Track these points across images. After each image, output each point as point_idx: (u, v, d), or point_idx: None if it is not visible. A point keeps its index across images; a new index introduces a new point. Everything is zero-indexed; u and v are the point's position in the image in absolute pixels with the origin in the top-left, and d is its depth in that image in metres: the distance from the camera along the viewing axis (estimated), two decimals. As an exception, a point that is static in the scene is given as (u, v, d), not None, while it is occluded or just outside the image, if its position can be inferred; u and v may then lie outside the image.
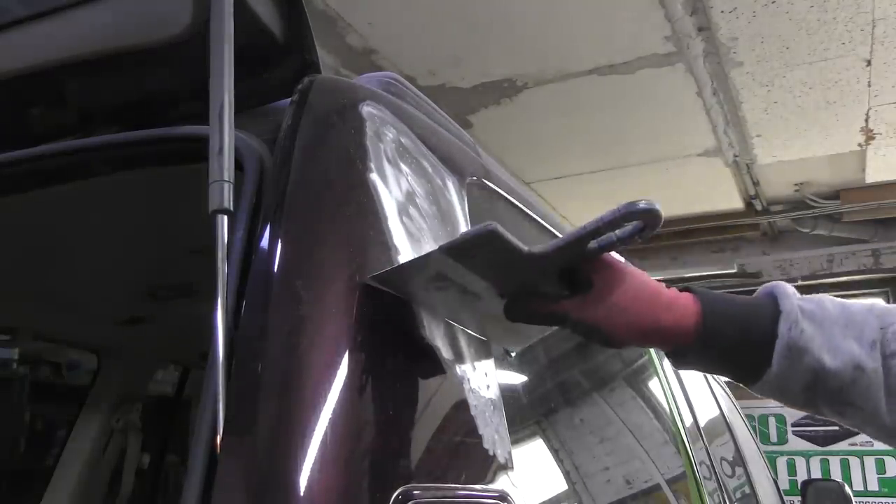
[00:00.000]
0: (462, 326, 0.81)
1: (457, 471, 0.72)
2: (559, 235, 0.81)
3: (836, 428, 5.44)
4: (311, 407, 0.60)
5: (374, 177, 0.77)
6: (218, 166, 0.68)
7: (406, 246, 0.76)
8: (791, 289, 0.82)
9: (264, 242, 0.68)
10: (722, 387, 2.91)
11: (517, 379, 1.06)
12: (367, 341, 0.67)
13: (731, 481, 2.12)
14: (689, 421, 1.75)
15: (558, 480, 1.03)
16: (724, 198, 5.27)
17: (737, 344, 0.79)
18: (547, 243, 0.74)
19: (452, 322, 0.80)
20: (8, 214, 1.14)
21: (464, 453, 0.74)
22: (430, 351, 0.74)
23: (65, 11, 0.93)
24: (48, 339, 2.33)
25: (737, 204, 5.39)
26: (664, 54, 3.43)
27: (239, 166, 0.73)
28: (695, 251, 5.99)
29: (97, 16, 0.91)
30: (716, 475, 1.82)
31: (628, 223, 0.72)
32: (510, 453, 0.79)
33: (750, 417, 4.87)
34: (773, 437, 5.67)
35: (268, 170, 0.74)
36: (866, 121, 4.11)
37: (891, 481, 5.30)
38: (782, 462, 5.57)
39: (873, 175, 4.85)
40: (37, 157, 0.94)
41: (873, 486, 5.32)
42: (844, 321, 0.79)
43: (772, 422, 5.69)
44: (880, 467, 5.35)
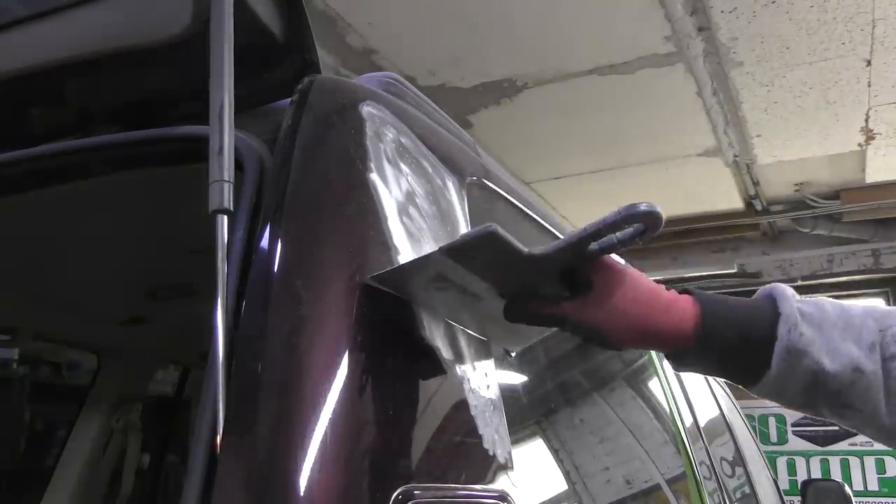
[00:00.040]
0: (462, 327, 0.81)
1: (457, 471, 0.72)
2: (559, 235, 0.82)
3: (836, 428, 5.44)
4: (311, 407, 0.60)
5: (374, 177, 0.77)
6: (218, 166, 0.69)
7: (406, 246, 0.76)
8: (790, 291, 0.82)
9: (264, 242, 0.68)
10: (722, 387, 2.90)
11: (517, 379, 1.06)
12: (367, 341, 0.67)
13: (731, 481, 2.12)
14: (689, 421, 1.75)
15: (558, 480, 1.03)
16: (724, 198, 5.27)
17: (736, 346, 0.79)
18: (547, 245, 0.74)
19: (452, 322, 0.80)
20: (8, 214, 1.14)
21: (464, 453, 0.74)
22: (430, 351, 0.74)
23: (65, 11, 0.93)
24: (48, 339, 2.33)
25: (737, 204, 5.39)
26: (664, 54, 3.43)
27: (239, 166, 0.73)
28: (695, 251, 5.99)
29: (97, 16, 0.91)
30: (716, 475, 1.82)
31: (629, 225, 0.73)
32: (510, 453, 0.79)
33: (750, 417, 4.87)
34: (773, 437, 5.67)
35: (268, 170, 0.75)
36: (866, 121, 4.11)
37: (891, 481, 5.30)
38: (782, 462, 5.57)
39: (873, 175, 4.85)
40: (37, 157, 0.94)
41: (873, 486, 5.32)
42: (843, 324, 0.79)
43: (772, 422, 5.69)
44: (880, 467, 5.35)
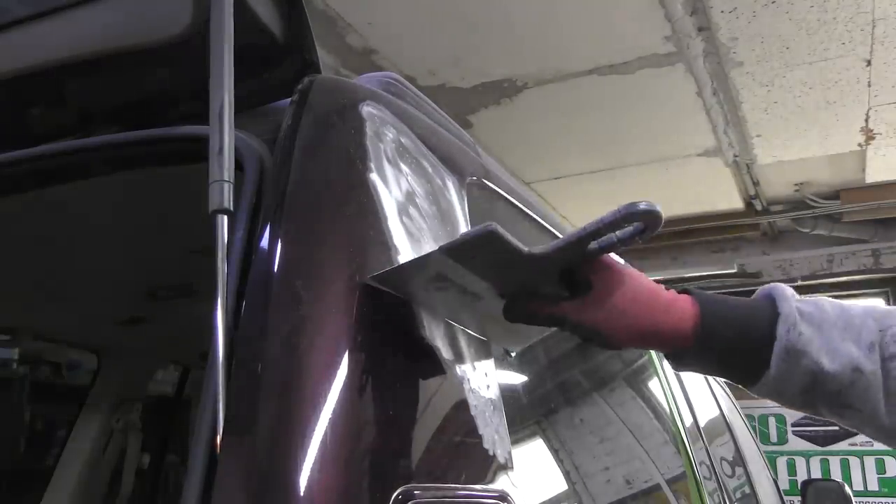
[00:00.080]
0: (462, 326, 0.81)
1: (457, 471, 0.72)
2: (559, 235, 0.82)
3: (836, 428, 5.44)
4: (311, 407, 0.60)
5: (374, 177, 0.77)
6: (218, 166, 0.69)
7: (406, 246, 0.76)
8: (790, 291, 0.82)
9: (264, 242, 0.68)
10: (722, 387, 2.90)
11: (517, 379, 1.06)
12: (367, 341, 0.67)
13: (731, 481, 2.12)
14: (689, 421, 1.75)
15: (558, 480, 1.03)
16: (724, 198, 5.27)
17: (735, 346, 0.79)
18: (547, 244, 0.74)
19: (452, 322, 0.80)
20: (8, 214, 1.14)
21: (464, 453, 0.74)
22: (430, 351, 0.74)
23: (65, 11, 0.93)
24: (48, 339, 2.33)
25: (737, 204, 5.39)
26: (664, 54, 3.43)
27: (239, 166, 0.73)
28: (695, 251, 5.99)
29: (97, 16, 0.91)
30: (716, 475, 1.82)
31: (629, 224, 0.72)
32: (510, 453, 0.79)
33: (750, 417, 4.87)
34: (773, 437, 5.67)
35: (268, 170, 0.75)
36: (866, 121, 4.11)
37: (891, 481, 5.30)
38: (782, 462, 5.57)
39: (873, 175, 4.85)
40: (37, 157, 0.94)
41: (873, 486, 5.32)
42: (843, 323, 0.79)
43: (772, 422, 5.69)
44: (880, 467, 5.35)
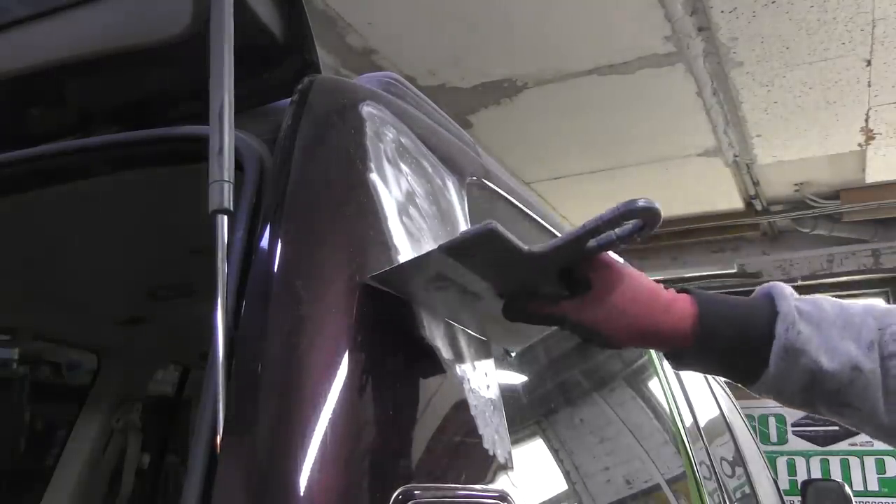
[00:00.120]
0: (462, 326, 0.81)
1: (457, 471, 0.72)
2: (559, 235, 0.82)
3: (836, 428, 5.44)
4: (311, 407, 0.60)
5: (374, 177, 0.77)
6: (218, 166, 0.69)
7: (406, 246, 0.76)
8: (788, 289, 0.82)
9: (264, 242, 0.68)
10: (722, 387, 2.90)
11: (517, 379, 1.06)
12: (367, 341, 0.67)
13: (731, 481, 2.12)
14: (689, 421, 1.75)
15: (558, 480, 1.03)
16: (724, 198, 5.27)
17: (734, 346, 0.79)
18: (546, 242, 0.74)
19: (452, 322, 0.80)
20: (8, 214, 1.14)
21: (464, 453, 0.74)
22: (430, 351, 0.74)
23: (65, 11, 0.93)
24: (48, 339, 2.33)
25: (737, 204, 5.39)
26: (664, 54, 3.43)
27: (239, 166, 0.73)
28: (695, 251, 5.99)
29: (97, 16, 0.91)
30: (716, 475, 1.82)
31: (628, 222, 0.72)
32: (510, 453, 0.79)
33: (750, 417, 4.87)
34: (773, 437, 5.67)
35: (268, 170, 0.75)
36: (866, 121, 4.11)
37: (891, 481, 5.30)
38: (782, 462, 5.57)
39: (873, 175, 4.85)
40: (37, 157, 0.94)
41: (873, 486, 5.32)
42: (842, 322, 0.79)
43: (772, 422, 5.69)
44: (880, 467, 5.35)
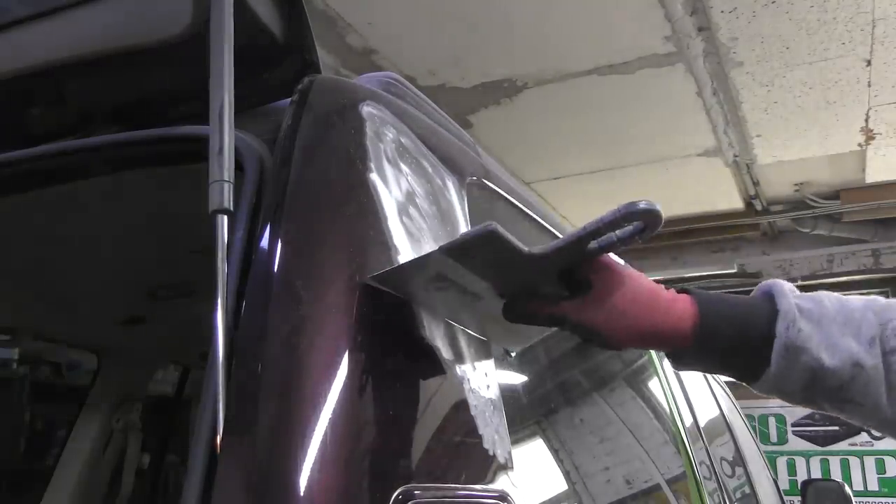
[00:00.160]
0: (462, 326, 0.81)
1: (457, 471, 0.72)
2: (559, 235, 0.82)
3: (836, 428, 5.45)
4: (311, 407, 0.60)
5: (374, 177, 0.77)
6: (218, 166, 0.68)
7: (406, 246, 0.76)
8: (788, 286, 0.82)
9: (264, 242, 0.68)
10: (722, 387, 2.90)
11: (517, 379, 1.06)
12: (367, 341, 0.67)
13: (731, 481, 2.12)
14: (689, 421, 1.75)
15: (558, 480, 1.03)
16: (724, 198, 5.27)
17: (735, 345, 0.79)
18: (547, 244, 0.74)
19: (452, 322, 0.80)
20: (8, 214, 1.14)
21: (464, 453, 0.74)
22: (430, 351, 0.74)
23: (65, 11, 0.93)
24: (48, 339, 2.33)
25: (737, 204, 5.39)
26: (664, 54, 3.43)
27: (239, 166, 0.73)
28: (695, 251, 5.99)
29: (97, 16, 0.91)
30: (716, 475, 1.82)
31: (628, 224, 0.72)
32: (510, 453, 0.79)
33: (750, 417, 4.87)
34: (773, 437, 5.68)
35: (268, 170, 0.75)
36: (866, 121, 4.11)
37: (891, 481, 5.30)
38: (782, 462, 5.57)
39: (873, 175, 4.85)
40: (37, 157, 0.94)
41: (873, 486, 5.32)
42: (843, 319, 0.79)
43: (772, 422, 5.69)
44: (880, 467, 5.35)
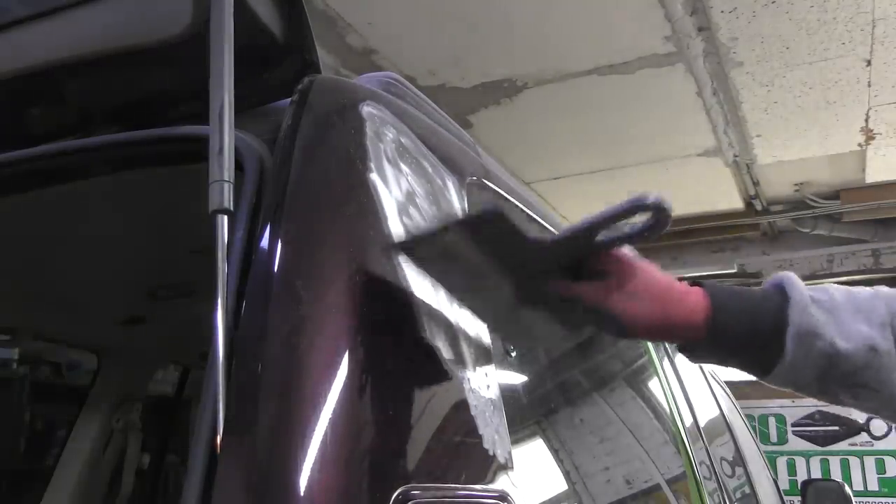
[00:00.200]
0: (471, 314, 0.82)
1: (457, 471, 0.72)
2: (559, 235, 0.82)
3: (836, 428, 5.45)
4: (311, 407, 0.60)
5: (374, 177, 0.77)
6: (218, 166, 0.69)
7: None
8: (798, 278, 0.82)
9: (264, 242, 0.68)
10: (722, 387, 2.90)
11: (517, 379, 1.06)
12: (367, 341, 0.67)
13: (731, 481, 2.12)
14: (689, 421, 1.75)
15: (558, 480, 1.03)
16: (724, 198, 5.26)
17: (748, 336, 0.79)
18: (560, 231, 0.75)
19: (462, 309, 0.80)
20: (8, 214, 1.14)
21: (464, 453, 0.74)
22: (430, 351, 0.74)
23: (65, 11, 0.93)
24: (48, 339, 2.33)
25: (737, 204, 5.38)
26: (664, 54, 3.43)
27: (239, 166, 0.73)
28: (695, 251, 5.99)
29: (97, 16, 0.91)
30: (716, 475, 1.82)
31: (638, 220, 0.73)
32: (510, 453, 0.79)
33: (750, 417, 4.87)
34: (773, 437, 5.68)
35: (268, 170, 0.75)
36: (866, 121, 4.11)
37: (891, 481, 5.30)
38: (782, 462, 5.57)
39: (873, 175, 4.85)
40: (37, 157, 0.94)
41: (873, 486, 5.32)
42: (853, 307, 0.80)
43: (772, 422, 5.69)
44: (880, 467, 5.35)
